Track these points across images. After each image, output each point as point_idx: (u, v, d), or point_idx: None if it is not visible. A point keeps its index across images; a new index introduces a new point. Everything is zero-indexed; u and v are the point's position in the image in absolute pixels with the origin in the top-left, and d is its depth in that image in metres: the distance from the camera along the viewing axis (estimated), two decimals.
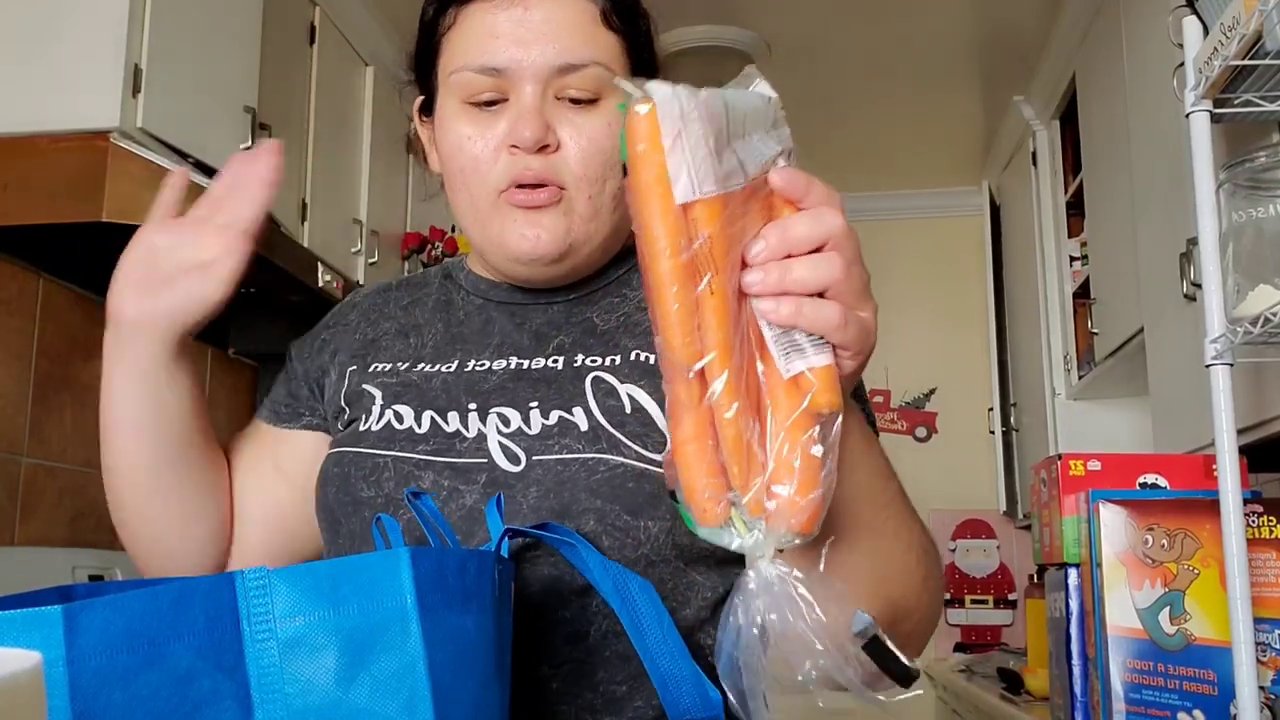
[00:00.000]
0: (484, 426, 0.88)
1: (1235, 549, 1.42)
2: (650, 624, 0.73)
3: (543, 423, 0.86)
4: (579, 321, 0.93)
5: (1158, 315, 2.40)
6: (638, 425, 0.85)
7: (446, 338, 0.97)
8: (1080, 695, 1.70)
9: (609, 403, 0.86)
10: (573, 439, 0.85)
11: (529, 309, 0.96)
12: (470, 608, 0.65)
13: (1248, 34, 1.39)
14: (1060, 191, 3.49)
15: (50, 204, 1.93)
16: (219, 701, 0.58)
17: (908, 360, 4.59)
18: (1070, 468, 1.76)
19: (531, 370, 0.91)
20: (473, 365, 0.93)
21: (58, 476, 2.24)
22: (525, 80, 0.87)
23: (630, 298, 0.94)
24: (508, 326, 0.95)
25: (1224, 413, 1.46)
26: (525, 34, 0.87)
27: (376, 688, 0.61)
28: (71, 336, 2.29)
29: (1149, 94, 2.41)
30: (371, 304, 1.05)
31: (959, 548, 4.48)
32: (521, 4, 0.87)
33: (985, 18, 3.28)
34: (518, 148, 0.87)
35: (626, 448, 0.83)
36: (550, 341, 0.93)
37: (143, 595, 0.57)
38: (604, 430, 0.85)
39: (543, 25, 0.87)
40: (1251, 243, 1.49)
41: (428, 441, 0.89)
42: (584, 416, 0.86)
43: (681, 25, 3.30)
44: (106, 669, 0.55)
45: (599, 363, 0.89)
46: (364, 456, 0.90)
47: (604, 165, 0.88)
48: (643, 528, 0.82)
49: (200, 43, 2.18)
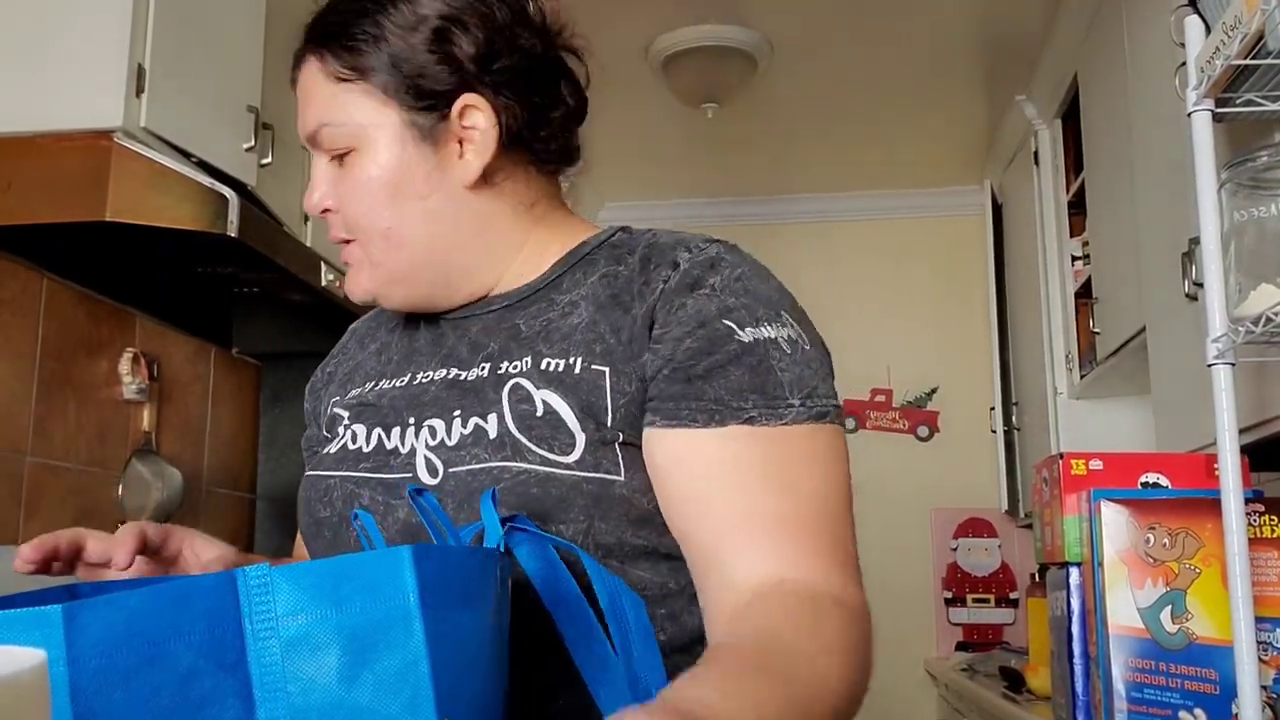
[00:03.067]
0: (416, 440, 0.90)
1: (1237, 548, 1.42)
2: (637, 641, 0.73)
3: (460, 432, 0.88)
4: (507, 328, 0.95)
5: (1159, 314, 2.40)
6: (546, 429, 0.85)
7: (406, 353, 1.00)
8: (1082, 694, 1.70)
9: (521, 408, 0.87)
10: (481, 448, 0.86)
11: (469, 320, 0.98)
12: (472, 605, 0.65)
13: (1250, 33, 1.39)
14: (1062, 190, 3.49)
15: (54, 203, 1.94)
16: (221, 700, 0.58)
17: (909, 359, 4.59)
18: (1072, 467, 1.76)
19: (464, 380, 0.93)
20: (420, 377, 0.96)
21: (61, 475, 2.24)
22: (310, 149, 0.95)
23: (557, 302, 0.94)
24: (452, 338, 0.98)
25: (1225, 412, 1.46)
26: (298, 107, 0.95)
27: (379, 686, 0.61)
28: (75, 335, 2.30)
29: (1151, 93, 2.41)
30: (366, 328, 1.10)
31: (960, 547, 4.48)
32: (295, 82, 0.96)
33: (987, 17, 3.27)
34: None
35: (530, 453, 0.84)
36: (482, 350, 0.94)
37: (143, 594, 0.57)
38: (510, 437, 0.86)
39: (299, 95, 0.95)
40: (1253, 242, 1.49)
41: (369, 459, 0.92)
42: (495, 423, 0.87)
43: (683, 25, 3.30)
44: (107, 668, 0.55)
45: (518, 368, 0.90)
46: (320, 479, 0.95)
47: (359, 216, 0.94)
48: (555, 532, 0.82)
49: (204, 42, 2.18)
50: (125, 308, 2.45)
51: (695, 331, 0.87)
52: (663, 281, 0.89)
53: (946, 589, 4.46)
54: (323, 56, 0.91)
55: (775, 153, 4.30)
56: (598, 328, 0.90)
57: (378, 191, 0.92)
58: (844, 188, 4.64)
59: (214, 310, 2.67)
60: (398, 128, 0.91)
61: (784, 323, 0.89)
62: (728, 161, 4.37)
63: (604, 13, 3.16)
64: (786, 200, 4.72)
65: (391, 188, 0.92)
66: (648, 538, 0.86)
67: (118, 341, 2.42)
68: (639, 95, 3.68)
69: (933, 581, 4.47)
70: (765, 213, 4.75)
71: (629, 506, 0.85)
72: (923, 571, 4.47)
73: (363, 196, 0.92)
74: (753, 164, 4.40)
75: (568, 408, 0.86)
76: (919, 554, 4.48)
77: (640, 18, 3.24)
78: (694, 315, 0.87)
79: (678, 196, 4.70)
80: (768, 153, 4.30)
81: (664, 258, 0.92)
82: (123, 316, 2.45)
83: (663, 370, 0.87)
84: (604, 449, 0.85)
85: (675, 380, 0.86)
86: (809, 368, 0.88)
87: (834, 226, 4.74)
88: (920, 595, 4.45)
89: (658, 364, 0.87)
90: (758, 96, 3.72)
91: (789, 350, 0.87)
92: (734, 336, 0.86)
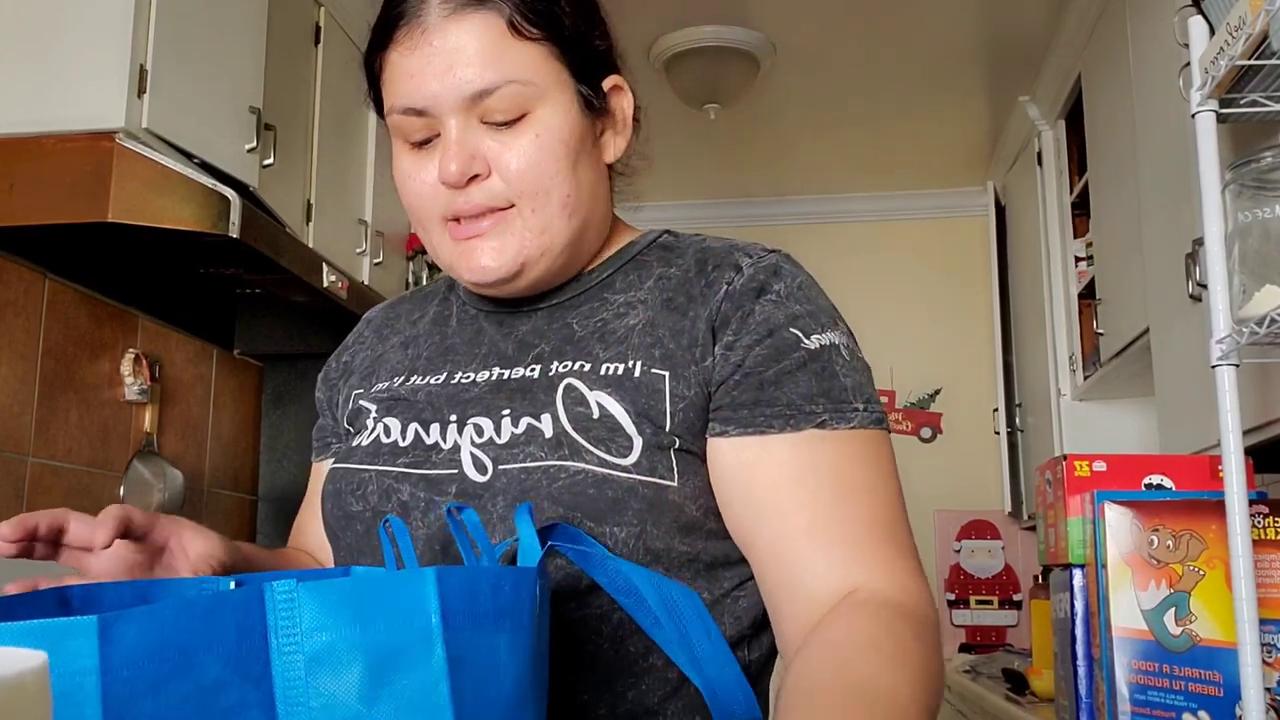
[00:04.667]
0: (460, 438, 0.89)
1: (1241, 550, 1.41)
2: (698, 634, 0.73)
3: (512, 431, 0.87)
4: (559, 328, 0.94)
5: (1163, 316, 2.40)
6: (603, 431, 0.84)
7: (440, 349, 0.98)
8: (1085, 696, 1.69)
9: (577, 409, 0.86)
10: (536, 446, 0.85)
11: (515, 317, 0.96)
12: (504, 625, 0.65)
13: (1254, 34, 1.38)
14: (1065, 192, 3.49)
15: (56, 204, 1.94)
16: (245, 711, 0.58)
17: (913, 361, 4.59)
18: (1075, 468, 1.75)
19: (511, 380, 0.91)
20: (459, 377, 0.94)
21: (63, 476, 2.24)
22: (446, 114, 0.88)
23: (610, 302, 0.94)
24: (496, 336, 0.96)
25: (1230, 413, 1.46)
26: (436, 68, 0.87)
27: (399, 706, 0.61)
28: (77, 336, 2.30)
29: (1154, 94, 2.41)
30: (384, 319, 1.07)
31: (964, 548, 4.48)
32: (427, 39, 0.87)
33: (991, 18, 3.27)
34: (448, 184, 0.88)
35: (588, 453, 0.83)
36: (531, 350, 0.93)
37: (176, 605, 0.58)
38: (567, 436, 0.85)
39: (450, 56, 0.87)
40: (1257, 243, 1.48)
41: (407, 454, 0.90)
42: (550, 423, 0.86)
43: (688, 25, 3.30)
44: (138, 678, 0.56)
45: (570, 368, 0.89)
46: (352, 472, 0.92)
47: (539, 178, 0.89)
48: (608, 534, 0.81)
49: (206, 43, 2.18)
50: (127, 308, 2.45)
51: (764, 340, 0.87)
52: (726, 284, 0.90)
53: (949, 590, 4.46)
54: (503, 10, 0.87)
55: (777, 154, 4.29)
56: (656, 331, 0.89)
57: (563, 155, 0.90)
58: (847, 189, 4.64)
59: (216, 311, 2.68)
60: (572, 94, 0.91)
61: (841, 330, 0.91)
62: (730, 162, 4.37)
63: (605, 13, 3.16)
64: (789, 201, 4.72)
65: (575, 152, 0.91)
66: (692, 545, 0.86)
67: (120, 342, 2.42)
68: (641, 96, 3.67)
69: (936, 583, 4.47)
70: (767, 214, 4.75)
71: (679, 513, 0.84)
72: (926, 573, 4.46)
73: (547, 158, 0.88)
74: (755, 165, 4.40)
75: (623, 411, 0.85)
76: (922, 555, 4.42)
77: (642, 18, 3.24)
78: (763, 322, 0.88)
79: (680, 198, 4.70)
80: (770, 154, 4.29)
81: (723, 261, 0.92)
82: (125, 317, 2.45)
83: (733, 376, 0.86)
84: (660, 454, 0.84)
85: (747, 387, 0.86)
86: (864, 375, 0.90)
87: (836, 228, 4.74)
88: None
89: (727, 370, 0.87)
90: (760, 98, 3.72)
91: (848, 357, 0.89)
92: (800, 344, 0.87)
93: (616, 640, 0.84)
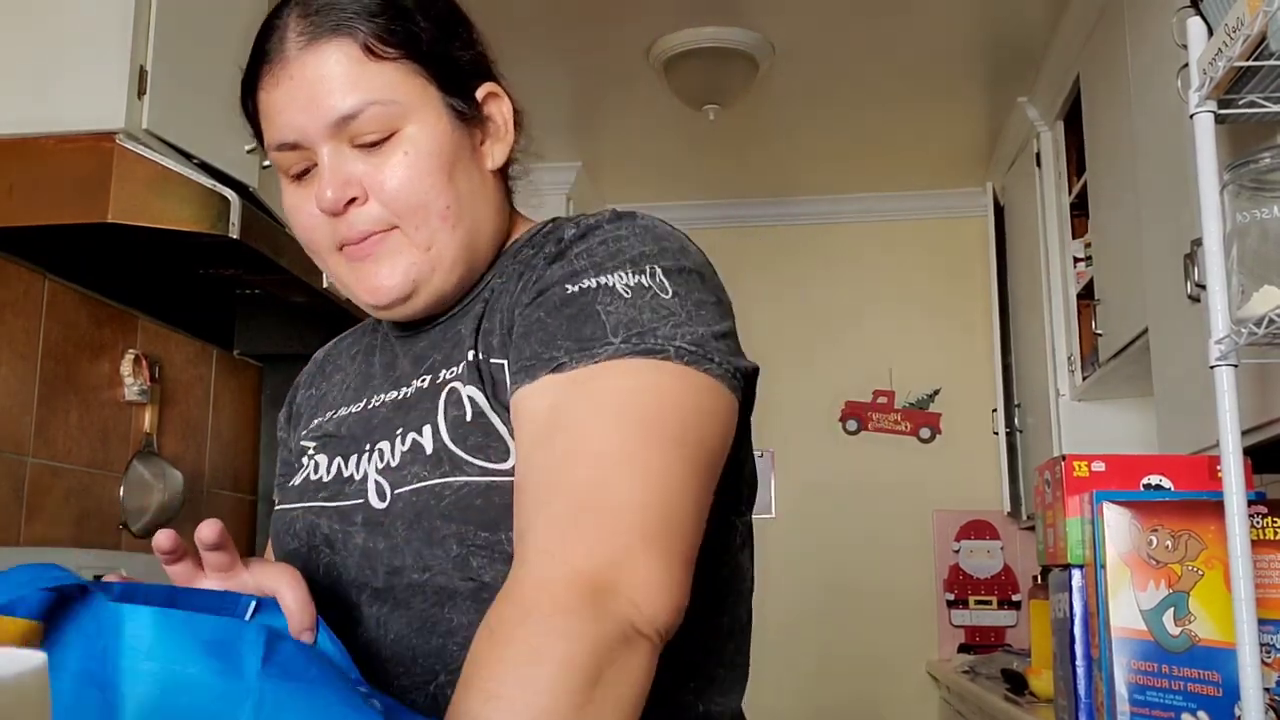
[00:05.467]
0: (367, 465, 0.89)
1: (1240, 550, 1.42)
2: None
3: (401, 450, 0.87)
4: (451, 337, 0.93)
5: (1162, 316, 2.40)
6: (480, 436, 0.84)
7: (363, 378, 0.99)
8: (1084, 696, 1.70)
9: (454, 414, 0.86)
10: (420, 465, 0.85)
11: (418, 335, 0.97)
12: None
13: (1252, 35, 1.38)
14: (1064, 192, 3.49)
15: (56, 205, 1.94)
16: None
17: (912, 361, 4.59)
18: (1074, 469, 1.75)
19: (408, 397, 0.91)
20: (373, 402, 0.95)
21: (63, 477, 2.24)
22: (317, 144, 0.88)
23: (480, 297, 0.93)
24: (402, 358, 0.96)
25: (1228, 414, 1.46)
26: (300, 100, 0.88)
27: None
28: (77, 337, 2.30)
29: (1153, 95, 2.41)
30: (326, 356, 1.08)
31: (963, 549, 4.48)
32: (286, 73, 0.88)
33: (989, 19, 3.27)
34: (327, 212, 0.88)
35: (468, 465, 0.83)
36: (426, 362, 0.93)
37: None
38: (446, 450, 0.84)
39: (311, 87, 0.87)
40: (1256, 243, 1.48)
41: (327, 489, 0.91)
42: (431, 436, 0.85)
43: (688, 26, 3.30)
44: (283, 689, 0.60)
45: (454, 372, 0.89)
46: (285, 513, 0.94)
47: (414, 194, 0.88)
48: (504, 540, 0.80)
49: (205, 44, 2.18)
50: (127, 309, 2.45)
51: (535, 299, 0.84)
52: (543, 257, 0.87)
53: (948, 591, 4.46)
54: (356, 34, 0.88)
55: (777, 155, 4.30)
56: (492, 319, 0.89)
57: (436, 169, 0.89)
58: (846, 190, 4.64)
59: (215, 312, 2.67)
60: (440, 108, 0.90)
61: (637, 272, 0.82)
62: (729, 163, 4.37)
63: (606, 14, 3.16)
64: (788, 202, 4.72)
65: (449, 164, 0.90)
66: None
67: (119, 343, 2.42)
68: (640, 97, 3.68)
69: (935, 583, 4.47)
70: (767, 215, 4.75)
71: None
72: (925, 573, 4.47)
73: (420, 174, 0.88)
74: (754, 166, 4.40)
75: (489, 406, 0.85)
76: (921, 556, 4.47)
77: (642, 19, 3.24)
78: (539, 281, 0.85)
79: (679, 198, 4.70)
80: (769, 155, 4.29)
81: (553, 234, 0.90)
82: (124, 318, 2.45)
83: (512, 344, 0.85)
84: None
85: (512, 349, 0.84)
86: (655, 312, 0.80)
87: (836, 228, 4.74)
88: (922, 597, 4.45)
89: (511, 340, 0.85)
90: (759, 98, 3.72)
91: (628, 295, 0.80)
92: (565, 292, 0.82)
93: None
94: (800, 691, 4.33)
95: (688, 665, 0.85)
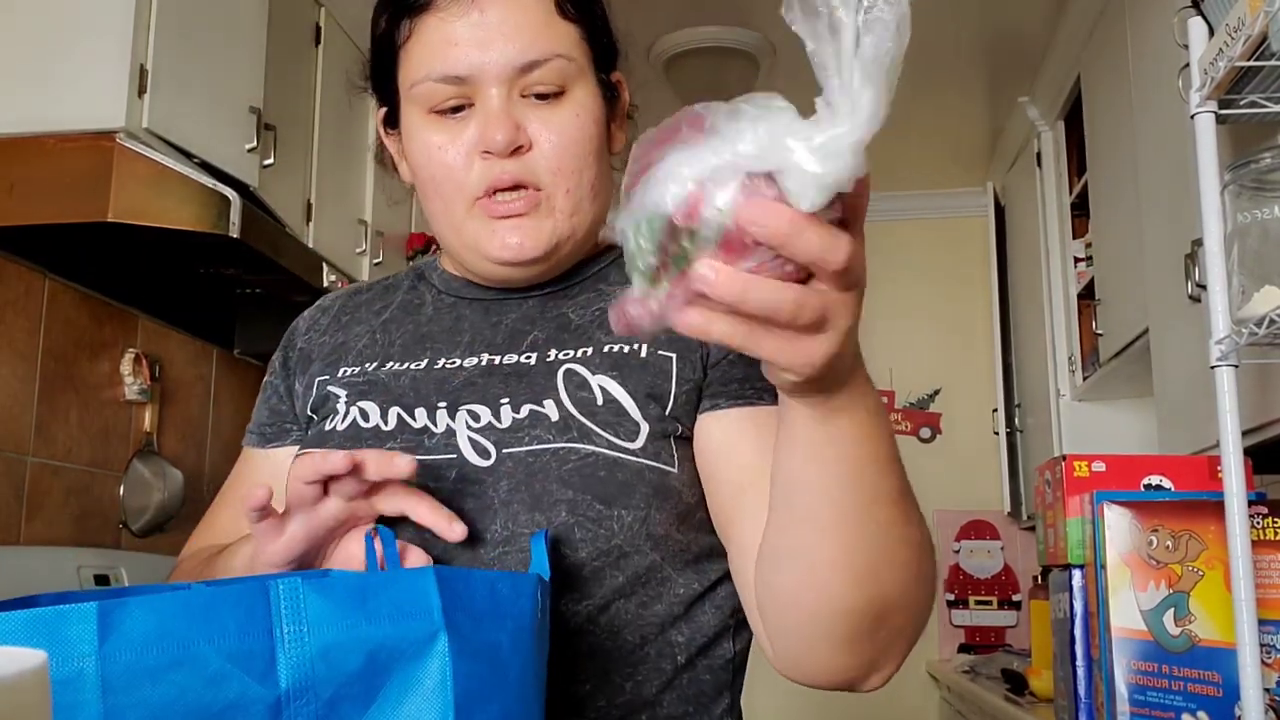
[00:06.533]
0: (453, 422, 0.87)
1: (1240, 551, 1.42)
2: None
3: (513, 416, 0.86)
4: (554, 317, 0.93)
5: (1163, 316, 2.40)
6: (610, 415, 0.85)
7: (415, 337, 0.97)
8: (1085, 697, 1.69)
9: (580, 394, 0.86)
10: (543, 429, 0.85)
11: (504, 304, 0.96)
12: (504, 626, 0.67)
13: (1253, 35, 1.38)
14: (1065, 192, 3.49)
15: (56, 204, 1.94)
16: (248, 706, 0.60)
17: (912, 361, 4.59)
18: (1075, 469, 1.75)
19: (504, 366, 0.91)
20: (442, 363, 0.93)
21: (63, 476, 2.24)
22: (489, 84, 0.87)
23: (606, 293, 0.94)
24: (480, 324, 0.95)
25: (1229, 414, 1.46)
26: (483, 37, 0.86)
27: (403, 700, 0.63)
28: (77, 336, 2.30)
29: (1154, 95, 2.41)
30: (342, 307, 1.04)
31: (963, 549, 4.48)
32: (476, 7, 0.87)
33: (990, 19, 3.27)
34: (490, 153, 0.87)
35: (598, 436, 0.83)
36: (525, 337, 0.92)
37: (175, 598, 0.60)
38: (575, 420, 0.84)
39: (500, 26, 0.87)
40: (1256, 244, 1.48)
41: (395, 438, 0.89)
42: (555, 408, 0.86)
43: (687, 26, 3.30)
44: (137, 665, 0.58)
45: (571, 355, 0.89)
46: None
47: (578, 157, 0.88)
48: (616, 517, 0.82)
49: (206, 44, 2.18)
50: (127, 308, 2.45)
51: None
52: None
53: (949, 591, 4.46)
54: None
55: None
56: None
57: (596, 136, 0.89)
58: None
59: (216, 311, 2.67)
60: (596, 80, 0.91)
61: None
62: None
63: None
64: None
65: (600, 137, 0.91)
66: (686, 534, 0.86)
67: (120, 342, 2.42)
68: (640, 96, 3.67)
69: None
70: None
71: (679, 499, 0.85)
72: None
73: (585, 138, 0.88)
74: None
75: (627, 394, 0.85)
76: None
77: (642, 18, 3.24)
78: None
79: None
80: None
81: None
82: (125, 317, 2.45)
83: (729, 355, 0.86)
84: (662, 441, 0.85)
85: (740, 364, 0.86)
86: None
87: None
88: None
89: (722, 350, 0.86)
90: None
91: None
92: None
93: (612, 631, 0.84)
94: (800, 691, 4.30)
95: (735, 610, 0.89)
